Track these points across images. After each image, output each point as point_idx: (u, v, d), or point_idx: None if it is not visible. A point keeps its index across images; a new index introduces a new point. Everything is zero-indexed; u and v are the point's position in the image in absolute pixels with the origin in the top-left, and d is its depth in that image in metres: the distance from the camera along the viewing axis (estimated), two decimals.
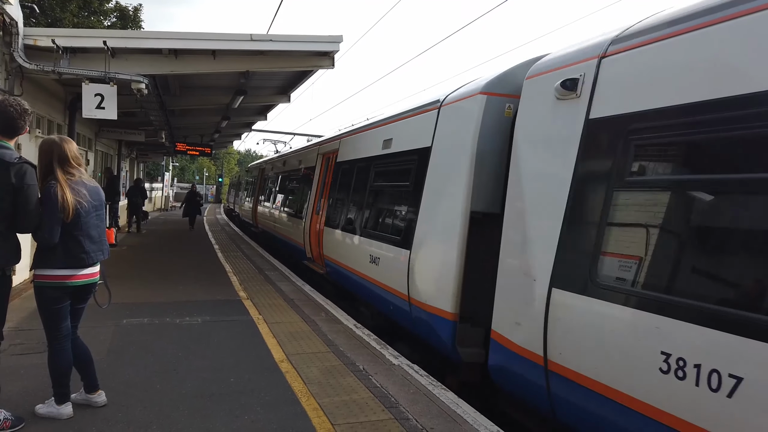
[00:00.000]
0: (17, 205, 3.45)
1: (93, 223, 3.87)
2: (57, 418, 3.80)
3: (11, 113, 3.53)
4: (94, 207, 3.88)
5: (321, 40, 9.15)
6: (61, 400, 3.84)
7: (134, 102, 10.74)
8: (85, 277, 3.85)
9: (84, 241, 3.78)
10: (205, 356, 5.37)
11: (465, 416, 4.10)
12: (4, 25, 7.41)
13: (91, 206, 3.84)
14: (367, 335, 6.45)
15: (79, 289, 3.86)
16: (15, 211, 3.46)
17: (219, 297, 8.30)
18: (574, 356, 3.57)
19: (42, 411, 3.84)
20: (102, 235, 3.99)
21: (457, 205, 5.28)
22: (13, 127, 3.57)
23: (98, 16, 26.13)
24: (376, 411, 4.18)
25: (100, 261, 4.00)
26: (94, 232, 3.88)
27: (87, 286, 3.90)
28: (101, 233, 3.97)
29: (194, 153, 21.46)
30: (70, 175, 3.73)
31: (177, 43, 8.57)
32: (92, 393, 4.05)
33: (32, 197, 3.53)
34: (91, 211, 3.83)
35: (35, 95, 9.06)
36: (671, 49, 3.30)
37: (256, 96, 13.44)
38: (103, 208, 4.04)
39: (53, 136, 3.89)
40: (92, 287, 3.98)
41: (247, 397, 4.37)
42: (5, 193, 3.40)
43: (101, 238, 3.96)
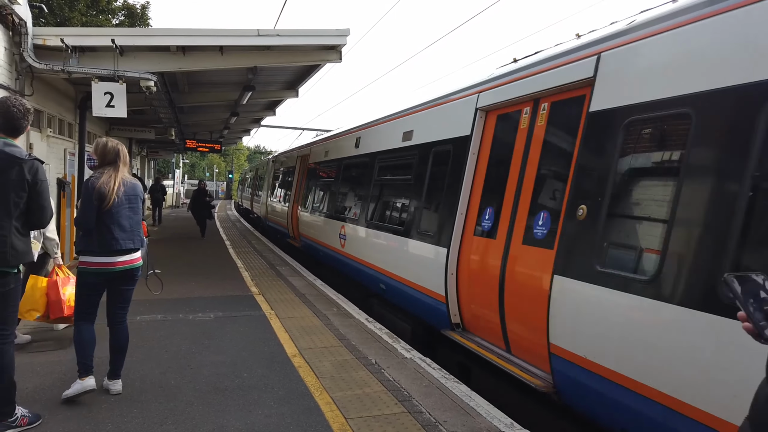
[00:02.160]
0: (31, 200, 3.55)
1: (125, 214, 4.20)
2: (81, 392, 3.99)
3: (14, 113, 3.59)
4: (128, 200, 4.22)
5: (328, 33, 9.12)
6: (83, 373, 4.05)
7: (144, 100, 10.79)
8: (120, 264, 4.19)
9: (114, 229, 4.12)
10: (218, 351, 5.40)
11: (478, 408, 4.09)
12: (14, 25, 7.47)
13: (125, 199, 4.19)
14: (378, 329, 6.46)
15: (118, 274, 4.20)
16: (28, 207, 3.55)
17: (231, 293, 8.34)
18: None
19: (69, 392, 4.01)
20: (134, 225, 4.29)
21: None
22: (17, 127, 3.63)
23: (106, 15, 26.22)
24: (389, 404, 4.18)
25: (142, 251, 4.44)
26: (125, 222, 4.21)
27: (125, 271, 4.23)
28: (133, 224, 4.27)
29: (204, 150, 21.57)
30: (116, 171, 4.18)
31: (184, 39, 8.59)
32: (111, 379, 4.31)
33: (45, 192, 3.64)
34: (124, 203, 4.17)
35: (46, 94, 9.13)
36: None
37: (264, 91, 13.46)
38: (137, 201, 4.34)
39: (104, 139, 4.36)
40: (132, 273, 4.30)
41: (261, 391, 4.39)
42: (21, 189, 3.48)
43: (132, 228, 4.26)
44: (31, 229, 3.69)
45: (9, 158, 3.44)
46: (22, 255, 3.56)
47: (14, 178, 3.44)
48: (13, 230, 3.48)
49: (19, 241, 3.52)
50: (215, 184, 62.38)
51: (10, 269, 3.52)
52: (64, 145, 10.78)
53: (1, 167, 3.42)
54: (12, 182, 3.44)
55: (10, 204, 3.44)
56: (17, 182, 3.45)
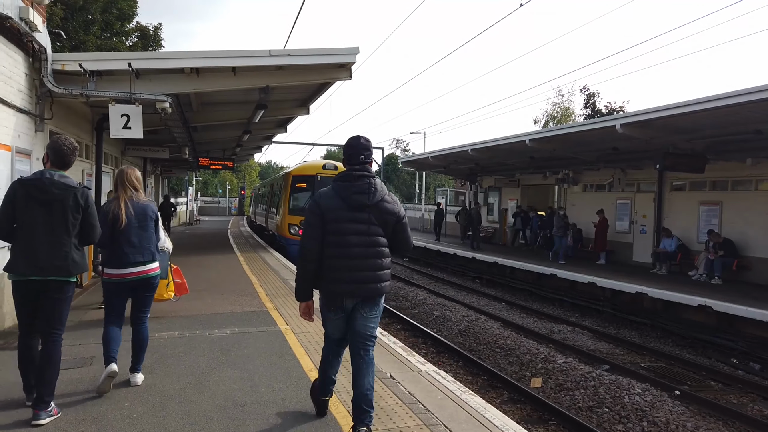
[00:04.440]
0: (84, 221, 4.27)
1: (134, 232, 4.87)
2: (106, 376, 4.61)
3: (64, 150, 4.33)
4: (138, 220, 4.88)
5: (338, 52, 9.31)
6: (106, 362, 4.68)
7: (159, 120, 11.02)
8: (132, 274, 4.84)
9: (124, 245, 4.80)
10: (235, 367, 5.50)
11: (494, 420, 4.14)
12: (34, 51, 7.70)
13: (134, 219, 4.86)
14: (393, 342, 6.52)
15: (135, 283, 4.88)
16: (81, 227, 4.27)
17: (246, 308, 8.45)
18: None
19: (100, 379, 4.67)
20: (143, 241, 4.92)
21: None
22: (66, 162, 4.38)
23: (120, 37, 26.80)
24: (404, 417, 4.24)
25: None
26: (134, 239, 4.86)
27: (141, 280, 4.89)
28: (142, 240, 4.91)
29: (217, 167, 21.87)
30: (125, 194, 4.91)
31: (198, 61, 8.81)
32: (132, 372, 4.95)
33: (95, 213, 4.36)
34: (133, 222, 4.85)
35: (64, 117, 9.36)
36: None
37: (276, 109, 13.67)
38: (146, 220, 4.97)
39: (123, 167, 5.17)
40: (148, 281, 4.95)
41: (278, 406, 4.47)
42: (76, 212, 4.21)
43: (141, 244, 4.89)
44: (84, 245, 4.35)
45: (65, 187, 4.19)
46: (80, 266, 4.25)
47: (71, 203, 4.18)
48: (72, 246, 4.20)
49: (77, 254, 4.24)
50: (228, 200, 62.87)
51: (71, 278, 4.24)
52: (82, 166, 11.02)
53: (59, 195, 4.16)
54: (69, 207, 4.17)
55: (68, 224, 4.18)
56: (73, 206, 4.19)
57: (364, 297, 3.81)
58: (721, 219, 14.77)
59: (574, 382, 8.32)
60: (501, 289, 17.37)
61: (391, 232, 3.88)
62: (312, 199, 3.96)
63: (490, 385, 8.44)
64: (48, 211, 4.14)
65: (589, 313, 13.81)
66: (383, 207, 3.82)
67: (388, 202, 3.85)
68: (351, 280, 3.74)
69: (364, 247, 3.77)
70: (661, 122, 12.49)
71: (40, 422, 4.01)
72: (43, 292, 4.16)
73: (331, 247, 3.75)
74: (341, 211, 3.75)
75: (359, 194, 3.77)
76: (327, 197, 3.82)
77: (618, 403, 7.51)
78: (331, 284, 3.79)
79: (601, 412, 7.38)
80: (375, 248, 3.80)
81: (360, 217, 3.77)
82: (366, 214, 3.78)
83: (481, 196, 26.94)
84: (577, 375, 8.53)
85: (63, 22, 21.20)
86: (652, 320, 12.29)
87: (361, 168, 3.85)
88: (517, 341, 10.54)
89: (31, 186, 4.18)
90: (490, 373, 8.82)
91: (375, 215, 3.80)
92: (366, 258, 3.77)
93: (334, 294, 3.81)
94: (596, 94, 33.80)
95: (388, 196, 3.90)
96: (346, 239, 3.74)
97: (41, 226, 4.13)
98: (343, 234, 3.74)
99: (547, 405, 7.44)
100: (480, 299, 15.58)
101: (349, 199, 3.77)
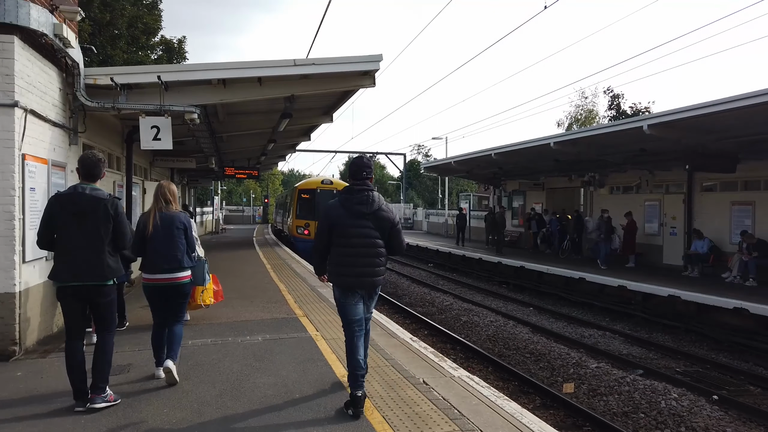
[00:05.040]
0: (115, 229, 4.61)
1: (162, 241, 5.22)
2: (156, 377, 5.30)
3: (91, 164, 4.72)
4: (165, 229, 5.24)
5: (361, 60, 9.37)
6: (156, 365, 5.35)
7: (187, 131, 11.20)
8: (161, 280, 5.24)
9: (153, 254, 5.21)
10: (269, 373, 5.54)
11: (531, 426, 4.10)
12: (67, 67, 7.90)
13: (160, 229, 5.22)
14: (424, 348, 6.50)
15: (166, 289, 5.27)
16: (113, 234, 4.61)
17: (276, 315, 8.51)
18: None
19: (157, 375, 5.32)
20: (170, 250, 5.24)
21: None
22: (94, 175, 4.74)
23: (146, 51, 27.34)
24: (440, 423, 4.22)
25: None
26: (162, 247, 5.22)
27: (171, 287, 5.28)
28: (169, 249, 5.24)
29: (242, 176, 22.15)
30: (157, 206, 5.33)
31: (225, 73, 8.94)
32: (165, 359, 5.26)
33: (125, 221, 4.71)
34: (161, 232, 5.22)
35: (96, 130, 9.58)
36: None
37: (300, 118, 13.80)
38: (174, 230, 5.29)
39: (161, 181, 5.64)
40: (177, 288, 5.32)
41: (314, 412, 4.49)
42: (107, 221, 4.56)
43: (168, 253, 5.23)
44: (117, 251, 4.69)
45: (96, 199, 4.56)
46: (115, 271, 4.62)
47: (101, 213, 4.53)
48: (106, 253, 4.55)
49: (111, 260, 4.59)
50: (252, 209, 63.49)
51: (108, 282, 4.59)
52: (113, 177, 11.24)
53: (92, 207, 4.52)
54: (100, 217, 4.52)
55: (101, 233, 4.53)
56: (104, 216, 4.53)
57: (369, 288, 4.65)
58: (754, 219, 14.42)
59: (608, 387, 8.18)
60: (528, 293, 17.20)
61: (388, 236, 4.63)
62: (323, 209, 4.78)
63: (522, 391, 8.35)
64: (82, 222, 4.51)
65: (619, 317, 13.58)
66: (380, 215, 4.57)
67: (384, 211, 4.61)
68: (355, 275, 4.53)
69: (365, 248, 4.53)
70: (689, 122, 12.28)
71: (96, 406, 4.48)
72: (87, 296, 4.56)
73: (338, 247, 4.57)
74: (345, 218, 4.52)
75: (359, 204, 4.53)
76: (334, 208, 4.64)
77: (654, 408, 7.37)
78: (341, 278, 4.58)
79: (637, 417, 7.25)
80: (374, 249, 4.57)
81: (360, 223, 4.52)
82: (365, 220, 4.53)
83: (505, 200, 26.75)
84: (611, 380, 8.39)
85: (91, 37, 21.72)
86: (686, 324, 12.03)
87: (361, 183, 4.61)
88: (548, 346, 10.42)
89: (65, 199, 4.59)
90: (521, 378, 8.73)
91: (373, 222, 4.54)
92: (366, 257, 4.54)
93: (348, 286, 4.58)
94: (621, 95, 33.22)
95: (384, 205, 4.65)
96: (350, 242, 4.53)
97: (77, 236, 4.50)
98: (348, 237, 4.52)
99: (580, 410, 7.33)
100: (507, 304, 15.44)
101: (351, 209, 4.54)
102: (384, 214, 4.60)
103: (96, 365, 4.58)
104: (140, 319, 7.75)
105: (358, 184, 4.62)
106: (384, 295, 15.87)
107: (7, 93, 6.17)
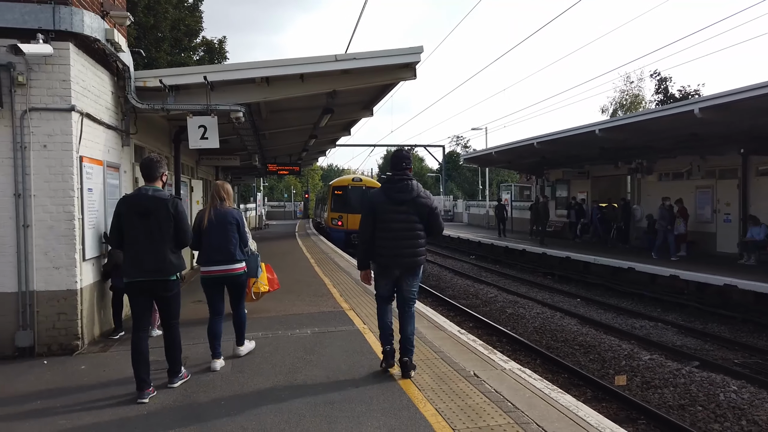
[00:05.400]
0: (176, 227, 4.89)
1: (215, 235, 5.61)
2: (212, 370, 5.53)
3: (151, 166, 5.01)
4: (219, 224, 5.62)
5: (402, 53, 9.34)
6: (213, 357, 5.63)
7: (231, 129, 11.42)
8: (215, 272, 5.63)
9: (207, 247, 5.61)
10: (320, 365, 5.62)
11: (588, 419, 4.03)
12: (118, 70, 8.16)
13: (214, 224, 5.60)
14: (472, 340, 6.47)
15: (222, 279, 5.68)
16: (175, 232, 4.89)
17: (323, 309, 8.62)
18: None
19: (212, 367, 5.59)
20: (223, 244, 5.62)
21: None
22: (155, 176, 5.03)
23: (188, 52, 27.99)
24: (494, 416, 4.20)
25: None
26: (214, 241, 5.61)
27: (227, 277, 5.68)
28: (221, 243, 5.62)
29: (284, 172, 22.46)
30: (212, 203, 5.76)
31: (268, 71, 9.05)
32: (236, 346, 6.01)
33: (185, 219, 4.98)
34: (215, 226, 5.60)
35: (146, 132, 9.87)
36: None
37: (341, 113, 13.87)
38: (227, 225, 5.66)
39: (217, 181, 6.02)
40: (232, 279, 5.73)
41: (366, 404, 4.53)
42: (169, 220, 4.84)
43: (220, 246, 5.61)
44: (179, 248, 4.96)
45: (158, 200, 4.85)
46: (177, 266, 4.91)
47: (163, 213, 4.81)
48: (169, 250, 4.83)
49: (173, 257, 4.87)
50: (293, 204, 64.33)
51: (171, 277, 4.89)
52: None
53: (155, 207, 4.81)
54: (162, 216, 4.81)
55: (164, 231, 4.81)
56: (165, 216, 4.82)
57: (406, 268, 5.15)
58: None
59: (662, 379, 7.97)
60: (575, 284, 16.87)
61: (427, 220, 5.14)
62: (367, 197, 5.30)
63: (572, 383, 8.21)
64: (146, 222, 4.80)
65: (671, 308, 13.18)
66: (419, 201, 5.11)
67: (422, 198, 5.13)
68: (395, 255, 5.08)
69: (404, 231, 5.07)
70: (744, 104, 11.75)
71: (174, 385, 5.00)
72: (152, 291, 4.87)
73: (381, 232, 5.09)
74: (387, 205, 5.08)
75: (399, 193, 5.09)
76: (377, 196, 5.22)
77: (712, 401, 7.14)
78: (382, 258, 5.14)
79: (695, 410, 7.04)
80: (413, 232, 5.10)
81: (401, 209, 5.07)
82: (405, 206, 5.07)
83: (548, 190, 26.30)
84: (665, 372, 8.17)
85: (136, 41, 22.36)
86: (743, 314, 11.58)
87: (401, 173, 5.14)
88: (597, 338, 10.22)
89: (131, 201, 4.96)
90: (571, 370, 8.59)
91: (412, 208, 5.08)
92: (406, 239, 5.08)
93: (385, 266, 5.16)
94: (669, 78, 32.08)
95: (423, 192, 5.17)
96: (390, 226, 5.07)
97: (142, 235, 4.79)
98: (389, 222, 5.07)
99: (634, 403, 7.16)
100: (553, 296, 15.19)
101: (392, 197, 5.09)
102: (422, 200, 5.11)
103: (168, 352, 5.02)
104: (194, 313, 7.98)
105: (398, 174, 5.14)
106: (427, 288, 15.86)
107: (65, 98, 6.42)
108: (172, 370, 5.08)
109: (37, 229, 6.37)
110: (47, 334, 6.41)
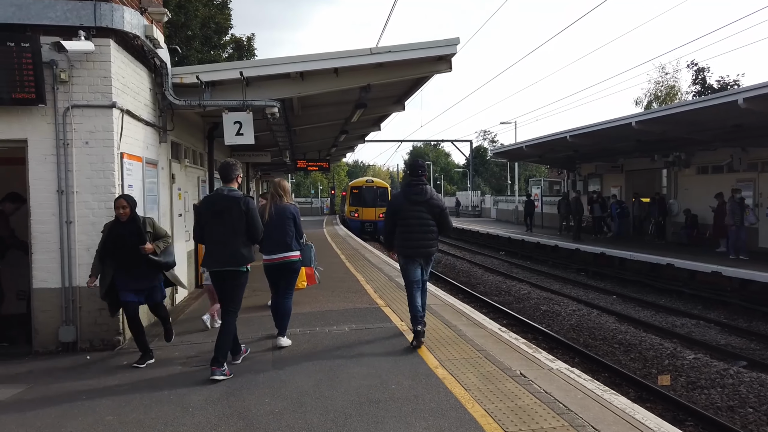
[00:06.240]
0: (248, 224, 5.37)
1: (275, 228, 6.21)
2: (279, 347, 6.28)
3: (228, 169, 5.54)
4: (278, 218, 6.29)
5: (438, 45, 9.17)
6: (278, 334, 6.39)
7: (265, 125, 11.41)
8: (275, 260, 6.30)
9: (267, 238, 6.06)
10: (361, 363, 5.55)
11: (646, 422, 3.87)
12: (155, 67, 8.20)
13: (274, 219, 6.25)
14: (515, 339, 6.33)
15: (280, 266, 6.33)
16: (246, 228, 5.37)
17: (358, 305, 8.56)
18: None
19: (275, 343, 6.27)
20: (281, 236, 6.27)
21: None
22: (230, 178, 5.54)
23: (217, 50, 28.21)
24: (547, 417, 4.07)
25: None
26: (274, 233, 6.20)
27: (283, 264, 6.32)
28: (280, 235, 6.27)
29: (314, 168, 22.44)
30: (272, 200, 6.41)
31: (303, 65, 8.98)
32: (277, 336, 6.34)
33: (256, 217, 5.46)
34: (274, 220, 6.24)
35: (182, 128, 9.92)
36: None
37: (373, 108, 13.73)
38: (286, 219, 6.33)
39: (276, 179, 6.97)
40: (288, 265, 6.35)
41: (412, 403, 4.44)
42: (241, 218, 5.32)
43: (278, 238, 6.27)
44: (251, 242, 5.48)
45: (232, 199, 5.35)
46: (247, 259, 5.39)
47: (236, 211, 5.31)
48: (241, 244, 5.33)
49: (245, 250, 5.36)
50: (320, 200, 64.56)
51: (242, 268, 5.37)
52: (197, 173, 11.65)
53: (228, 205, 5.33)
54: (235, 214, 5.31)
55: (236, 227, 5.32)
56: (237, 214, 5.31)
57: (425, 256, 6.23)
58: None
59: (709, 379, 7.70)
60: (610, 281, 16.52)
61: (438, 219, 6.17)
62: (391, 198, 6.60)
63: (613, 383, 7.96)
64: (221, 219, 5.33)
65: (713, 305, 12.78)
66: (431, 203, 6.15)
67: (434, 199, 6.19)
68: (413, 247, 6.15)
69: (421, 226, 6.11)
70: None
71: (215, 378, 5.13)
72: (225, 279, 5.37)
73: (402, 227, 6.15)
74: (406, 204, 6.15)
75: (415, 195, 6.14)
76: (397, 198, 6.37)
77: (764, 402, 6.87)
78: (409, 250, 6.18)
79: (745, 412, 6.78)
80: (426, 227, 6.14)
81: (416, 209, 6.11)
82: (421, 206, 6.10)
83: (579, 185, 25.80)
84: (711, 372, 7.89)
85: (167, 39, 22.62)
86: None
87: (417, 179, 6.19)
88: (637, 336, 9.95)
89: (209, 200, 5.64)
90: (612, 370, 8.37)
91: (426, 208, 6.12)
92: (420, 233, 6.13)
93: (410, 255, 6.19)
94: (707, 68, 31.05)
95: (435, 195, 6.25)
96: (408, 222, 6.11)
97: (218, 231, 5.34)
98: (407, 219, 6.11)
99: (680, 404, 6.94)
100: (588, 292, 14.88)
101: (409, 198, 6.15)
102: (434, 202, 6.17)
103: (218, 341, 5.29)
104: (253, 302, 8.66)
105: (414, 179, 6.20)
106: (458, 284, 15.70)
107: (106, 95, 6.46)
108: (217, 359, 5.26)
109: (80, 225, 6.44)
110: (89, 329, 6.49)
